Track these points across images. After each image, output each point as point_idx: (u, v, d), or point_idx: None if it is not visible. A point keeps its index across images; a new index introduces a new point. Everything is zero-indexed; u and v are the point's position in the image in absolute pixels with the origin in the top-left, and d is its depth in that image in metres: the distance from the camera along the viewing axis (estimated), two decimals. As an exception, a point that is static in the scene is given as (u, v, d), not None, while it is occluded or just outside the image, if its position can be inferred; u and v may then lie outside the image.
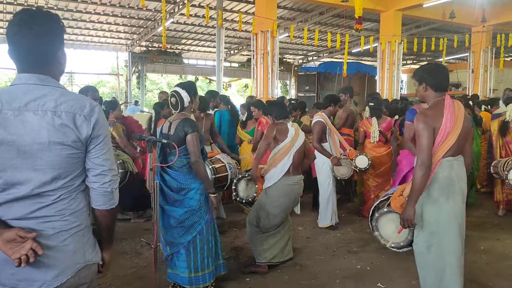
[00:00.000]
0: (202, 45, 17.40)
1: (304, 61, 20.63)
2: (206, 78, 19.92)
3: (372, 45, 12.13)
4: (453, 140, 2.50)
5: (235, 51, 18.05)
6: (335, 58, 18.72)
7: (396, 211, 2.76)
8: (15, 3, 10.99)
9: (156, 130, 4.64)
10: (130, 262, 3.95)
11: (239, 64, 19.23)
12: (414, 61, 21.83)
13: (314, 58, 19.95)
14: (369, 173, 5.29)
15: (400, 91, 11.83)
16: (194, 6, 11.76)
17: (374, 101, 5.36)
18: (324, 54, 19.67)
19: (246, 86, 23.82)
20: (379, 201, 3.19)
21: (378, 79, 11.73)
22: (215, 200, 3.30)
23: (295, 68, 18.66)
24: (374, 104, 5.31)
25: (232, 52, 18.11)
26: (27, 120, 1.36)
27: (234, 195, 4.14)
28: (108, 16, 13.00)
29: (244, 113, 6.05)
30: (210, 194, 3.24)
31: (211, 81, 19.52)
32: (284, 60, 19.21)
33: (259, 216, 3.70)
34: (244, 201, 4.14)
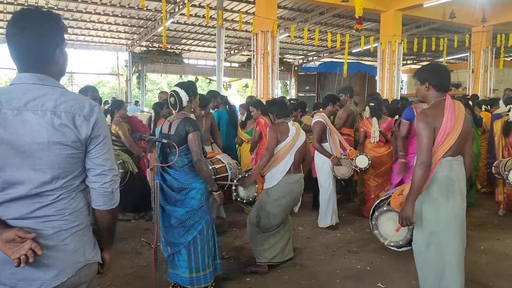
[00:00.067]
0: (202, 45, 17.40)
1: (304, 61, 20.62)
2: (206, 78, 19.91)
3: (372, 45, 12.12)
4: (453, 140, 2.50)
5: (235, 51, 18.05)
6: (335, 58, 18.71)
7: (396, 210, 2.77)
8: (15, 3, 11.00)
9: (155, 130, 4.65)
10: (131, 262, 3.95)
11: (239, 64, 19.22)
12: (414, 61, 21.83)
13: (314, 58, 19.93)
14: (370, 173, 5.29)
15: (400, 91, 11.83)
16: (194, 6, 11.76)
17: (375, 101, 5.35)
18: (324, 54, 19.66)
19: (246, 86, 23.82)
20: (380, 200, 3.20)
21: (378, 79, 11.73)
22: (219, 198, 3.31)
23: (295, 68, 18.65)
24: (375, 104, 5.30)
25: (232, 52, 18.11)
26: (27, 120, 1.36)
27: (235, 195, 4.14)
28: (108, 16, 13.00)
29: (244, 113, 6.05)
30: (214, 192, 3.25)
31: (211, 81, 19.51)
32: (284, 60, 19.20)
33: (260, 216, 3.70)
34: (245, 201, 4.15)
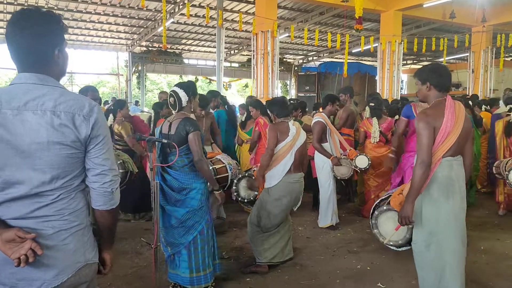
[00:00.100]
0: (202, 45, 17.40)
1: (304, 61, 20.61)
2: (206, 78, 19.92)
3: (372, 45, 12.12)
4: (453, 140, 2.50)
5: (235, 51, 18.05)
6: (336, 58, 18.70)
7: (395, 209, 2.77)
8: (15, 3, 11.00)
9: (155, 130, 4.64)
10: (130, 262, 3.95)
11: (239, 64, 19.22)
12: (414, 61, 21.84)
13: (314, 58, 19.92)
14: (370, 173, 5.29)
15: (400, 91, 11.83)
16: (194, 6, 11.76)
17: (375, 101, 5.35)
18: (324, 54, 19.66)
19: (246, 86, 23.81)
20: (380, 200, 3.20)
21: (378, 79, 11.74)
22: (221, 197, 3.32)
23: (295, 68, 18.65)
24: (375, 105, 5.30)
25: (232, 52, 18.11)
26: (26, 120, 1.35)
27: (235, 195, 4.14)
28: (108, 16, 13.00)
29: (243, 114, 6.04)
30: (215, 191, 3.25)
31: (211, 81, 19.52)
32: (284, 60, 19.20)
33: (260, 216, 3.70)
34: (246, 201, 4.15)
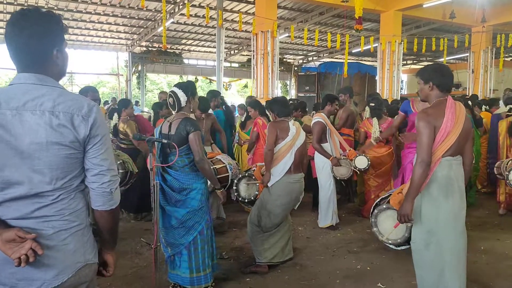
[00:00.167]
0: (202, 45, 17.40)
1: (304, 61, 20.61)
2: (206, 78, 19.92)
3: (372, 45, 12.13)
4: (453, 140, 2.50)
5: (235, 51, 18.04)
6: (335, 58, 18.70)
7: (395, 208, 2.77)
8: (15, 3, 11.00)
9: (155, 130, 4.64)
10: (130, 262, 3.95)
11: (239, 64, 19.20)
12: (414, 61, 21.84)
13: (314, 58, 19.92)
14: (370, 173, 5.28)
15: (400, 91, 11.84)
16: (194, 6, 11.76)
17: (375, 102, 5.35)
18: (324, 54, 19.66)
19: (246, 86, 23.81)
20: (380, 199, 3.21)
21: (378, 79, 11.74)
22: (222, 195, 3.34)
23: (295, 68, 18.63)
24: (375, 105, 5.30)
25: (232, 52, 18.10)
26: (25, 120, 1.35)
27: (236, 195, 4.15)
28: (108, 16, 12.99)
29: (243, 114, 6.04)
30: (217, 190, 3.28)
31: (211, 81, 19.52)
32: (284, 60, 19.18)
33: (261, 215, 3.70)
34: (246, 200, 4.16)
